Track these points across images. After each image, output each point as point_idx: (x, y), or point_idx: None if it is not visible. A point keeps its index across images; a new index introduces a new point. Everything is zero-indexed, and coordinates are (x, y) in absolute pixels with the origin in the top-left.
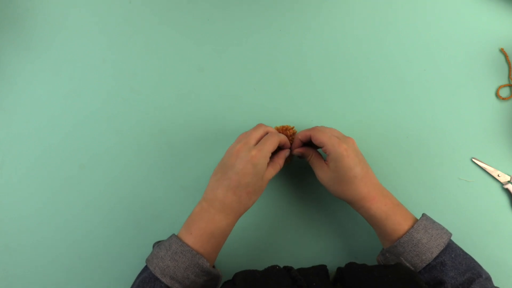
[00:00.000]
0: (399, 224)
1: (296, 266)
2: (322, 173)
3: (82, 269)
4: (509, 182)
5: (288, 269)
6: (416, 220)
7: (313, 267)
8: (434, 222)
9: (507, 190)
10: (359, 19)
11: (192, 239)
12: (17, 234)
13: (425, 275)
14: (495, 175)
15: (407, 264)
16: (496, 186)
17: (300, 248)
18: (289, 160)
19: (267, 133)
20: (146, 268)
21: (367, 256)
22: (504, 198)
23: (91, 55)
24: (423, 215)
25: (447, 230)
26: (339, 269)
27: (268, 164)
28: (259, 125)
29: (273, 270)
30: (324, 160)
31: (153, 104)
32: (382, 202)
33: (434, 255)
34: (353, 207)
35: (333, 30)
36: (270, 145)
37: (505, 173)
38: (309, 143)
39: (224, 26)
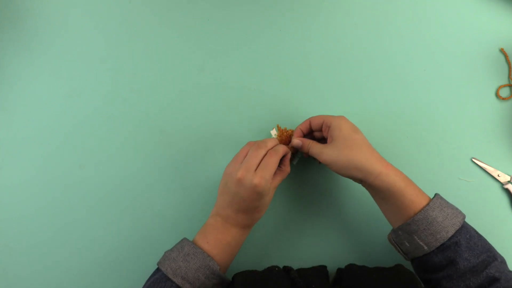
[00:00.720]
0: (413, 201)
1: (296, 266)
2: (326, 153)
3: (81, 269)
4: (509, 182)
5: (287, 270)
6: (429, 198)
7: (313, 267)
8: (447, 201)
9: (507, 190)
10: (359, 19)
11: (208, 247)
12: (17, 234)
13: (439, 255)
14: (495, 175)
15: (421, 243)
16: (496, 186)
17: (301, 248)
18: (292, 156)
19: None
20: (157, 270)
21: (367, 256)
22: (504, 198)
23: (91, 55)
24: (437, 194)
25: (461, 211)
26: (339, 270)
27: (275, 173)
28: (258, 145)
29: (272, 271)
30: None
31: (153, 104)
32: (399, 175)
33: (450, 234)
34: (364, 177)
35: (333, 30)
36: (272, 168)
37: (505, 173)
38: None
39: (224, 26)
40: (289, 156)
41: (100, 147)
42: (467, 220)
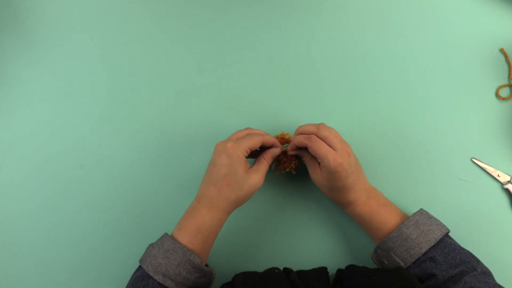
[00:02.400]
0: (384, 223)
1: (297, 267)
2: (315, 176)
3: (81, 268)
4: (509, 182)
5: (288, 272)
6: (405, 217)
7: (313, 269)
8: (430, 217)
9: (507, 190)
10: (359, 19)
11: (181, 235)
12: (17, 234)
13: (415, 270)
14: (495, 175)
15: (397, 259)
16: (496, 186)
17: (301, 249)
18: (294, 165)
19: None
20: (139, 268)
21: (368, 256)
22: (504, 198)
23: (91, 55)
24: (420, 210)
25: (443, 226)
26: (339, 270)
27: (255, 162)
28: (247, 128)
29: (272, 273)
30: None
31: (153, 105)
32: (366, 205)
33: (423, 250)
34: (341, 208)
35: (333, 30)
36: (249, 141)
37: (505, 173)
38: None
39: (224, 27)
40: (275, 150)
41: (100, 147)
42: (467, 220)
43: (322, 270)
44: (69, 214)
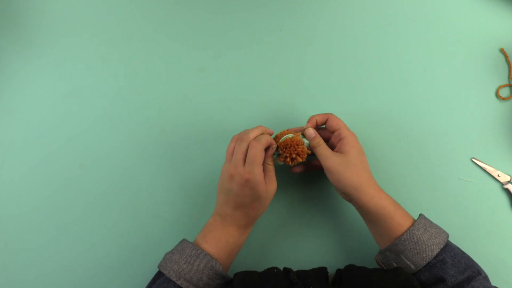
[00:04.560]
0: (402, 221)
1: (297, 267)
2: (331, 161)
3: (81, 268)
4: (509, 182)
5: (287, 271)
6: (414, 220)
7: (312, 269)
8: (431, 221)
9: (507, 190)
10: (358, 19)
11: (207, 247)
12: (17, 234)
13: (426, 273)
14: (495, 175)
15: (408, 262)
16: (496, 186)
17: (301, 249)
18: (304, 157)
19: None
20: (159, 274)
21: (368, 256)
22: (504, 198)
23: (91, 55)
24: (421, 215)
25: (444, 230)
26: (338, 270)
27: (264, 172)
28: (241, 139)
29: (271, 272)
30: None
31: (153, 105)
32: (388, 197)
33: (435, 252)
34: (358, 198)
35: (332, 30)
36: (258, 160)
37: (505, 173)
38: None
39: (224, 26)
40: (271, 151)
41: (100, 147)
42: (467, 220)
43: (322, 270)
44: (69, 214)
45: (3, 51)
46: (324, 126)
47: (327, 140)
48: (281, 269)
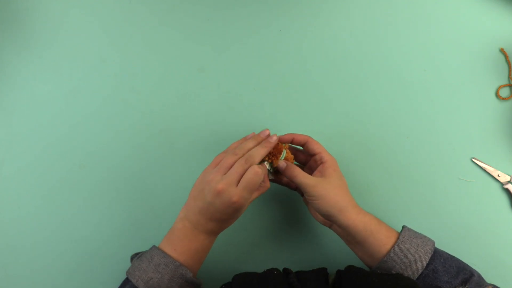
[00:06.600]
0: (389, 234)
1: (297, 268)
2: (322, 187)
3: (81, 268)
4: (509, 182)
5: (287, 272)
6: (398, 233)
7: (312, 270)
8: (415, 232)
9: (507, 190)
10: (359, 19)
11: (176, 255)
12: (16, 234)
13: (420, 285)
14: (495, 175)
15: None
16: (496, 186)
17: (301, 249)
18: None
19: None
20: (127, 281)
21: None
22: (504, 198)
23: (91, 55)
24: (404, 227)
25: (429, 238)
26: (338, 271)
27: None
28: (246, 159)
29: (270, 274)
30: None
31: (153, 104)
32: (370, 214)
33: (425, 263)
34: (344, 218)
35: (332, 30)
36: (254, 187)
37: (505, 173)
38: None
39: (224, 26)
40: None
41: (100, 147)
42: (467, 220)
43: (322, 271)
44: (69, 214)
45: (3, 51)
46: (301, 147)
47: (303, 163)
48: (281, 270)
